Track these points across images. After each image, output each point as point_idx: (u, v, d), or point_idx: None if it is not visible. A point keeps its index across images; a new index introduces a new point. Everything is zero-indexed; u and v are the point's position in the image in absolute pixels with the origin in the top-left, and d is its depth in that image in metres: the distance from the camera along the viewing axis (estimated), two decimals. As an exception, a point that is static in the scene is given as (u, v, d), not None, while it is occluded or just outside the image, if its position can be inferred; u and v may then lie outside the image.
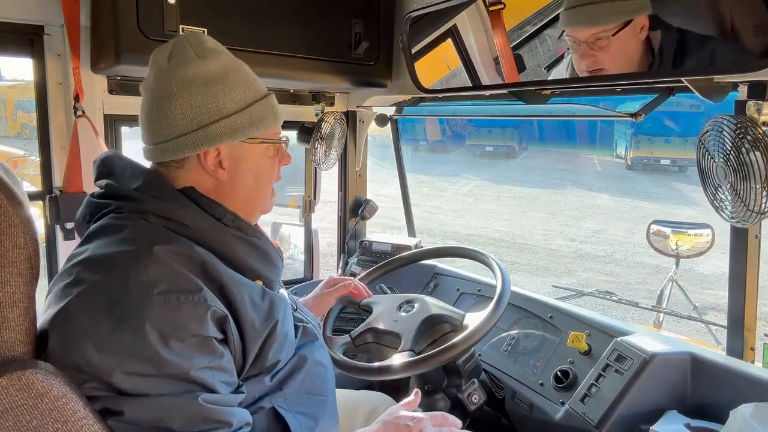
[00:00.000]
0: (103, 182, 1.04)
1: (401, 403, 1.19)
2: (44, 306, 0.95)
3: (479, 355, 1.66)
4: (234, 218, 1.05)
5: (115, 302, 0.87)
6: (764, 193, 1.07)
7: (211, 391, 0.92)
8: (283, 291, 1.17)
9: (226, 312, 0.95)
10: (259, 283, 1.06)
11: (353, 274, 2.18)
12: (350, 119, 2.37)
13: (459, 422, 1.18)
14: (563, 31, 1.30)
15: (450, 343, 1.34)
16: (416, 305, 1.53)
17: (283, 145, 1.15)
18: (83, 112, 1.59)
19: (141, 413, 0.86)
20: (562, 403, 1.45)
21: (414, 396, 1.21)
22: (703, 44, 1.06)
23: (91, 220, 1.03)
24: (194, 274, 0.94)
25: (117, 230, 0.96)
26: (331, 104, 2.31)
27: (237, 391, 0.99)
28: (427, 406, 1.55)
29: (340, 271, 2.38)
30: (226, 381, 0.96)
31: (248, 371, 1.03)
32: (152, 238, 0.94)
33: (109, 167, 1.06)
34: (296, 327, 1.20)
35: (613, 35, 1.17)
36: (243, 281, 1.01)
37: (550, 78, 1.43)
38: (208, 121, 1.01)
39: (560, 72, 1.36)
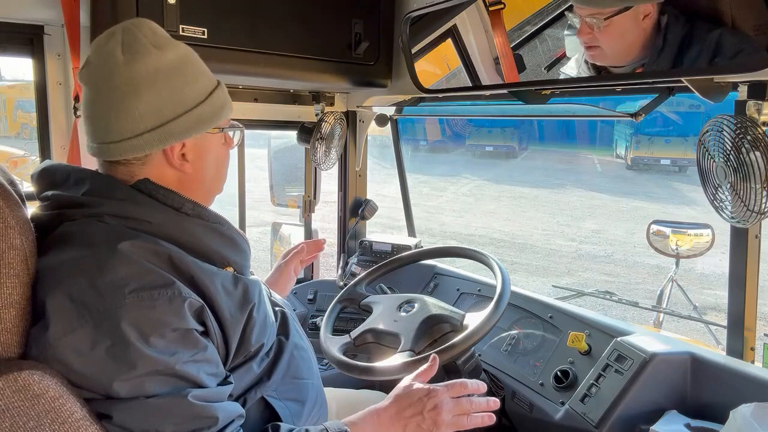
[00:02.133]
0: (48, 193, 0.99)
1: (414, 373, 1.13)
2: None
3: (479, 355, 1.66)
4: (194, 206, 1.02)
5: (89, 308, 0.85)
6: (764, 193, 1.06)
7: (199, 385, 0.91)
8: (255, 276, 1.15)
9: (202, 302, 0.93)
10: (230, 270, 1.04)
11: (353, 274, 2.18)
12: (350, 119, 2.37)
13: (482, 385, 1.12)
14: (570, 9, 1.29)
15: (450, 343, 1.34)
16: (416, 305, 1.53)
17: (239, 131, 1.14)
18: (82, 111, 1.58)
19: (131, 417, 0.85)
20: (562, 403, 1.44)
21: (430, 363, 1.14)
22: (710, 35, 1.06)
23: (44, 234, 0.96)
24: (163, 269, 0.91)
25: (75, 237, 0.93)
26: (331, 104, 2.30)
27: (225, 382, 0.98)
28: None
29: (340, 271, 2.38)
30: (212, 373, 0.94)
31: (234, 360, 1.02)
32: (113, 238, 0.90)
33: (51, 177, 1.01)
34: (273, 312, 1.19)
35: (606, 19, 1.17)
36: (213, 270, 0.99)
37: (550, 78, 1.43)
38: (174, 115, 0.98)
39: (571, 65, 1.36)
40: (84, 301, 0.85)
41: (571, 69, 1.37)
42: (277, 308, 1.22)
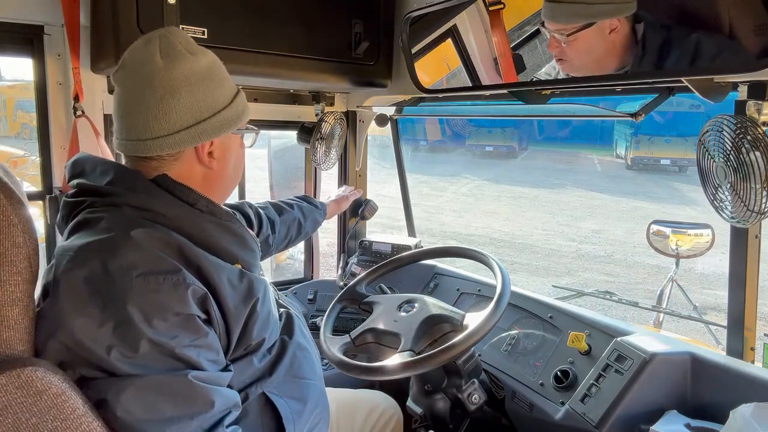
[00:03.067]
0: (75, 182, 1.06)
1: None
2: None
3: (479, 355, 1.66)
4: (207, 204, 1.08)
5: (98, 289, 0.89)
6: (764, 193, 1.07)
7: (198, 369, 0.94)
8: (263, 277, 1.18)
9: (206, 291, 0.97)
10: (238, 266, 1.08)
11: (353, 274, 2.18)
12: (350, 119, 2.37)
13: None
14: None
15: (450, 343, 1.34)
16: (416, 305, 1.53)
17: (255, 133, 1.23)
18: (83, 111, 1.59)
19: (131, 396, 0.88)
20: (562, 403, 1.45)
21: None
22: (688, 39, 1.06)
23: (68, 220, 1.05)
24: (172, 257, 0.96)
25: (93, 223, 0.98)
26: (331, 104, 2.30)
27: (225, 370, 1.01)
28: (427, 406, 1.55)
29: (340, 271, 2.38)
30: (212, 359, 0.97)
31: (234, 352, 1.05)
32: (129, 225, 0.96)
33: (80, 167, 1.08)
34: (279, 313, 1.22)
35: (569, 35, 1.19)
36: (221, 264, 1.03)
37: (550, 78, 1.43)
38: (207, 115, 1.05)
39: (546, 70, 1.37)
40: (95, 281, 0.90)
41: (546, 76, 1.38)
42: (282, 309, 1.25)
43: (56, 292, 0.91)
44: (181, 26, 1.46)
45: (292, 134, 2.32)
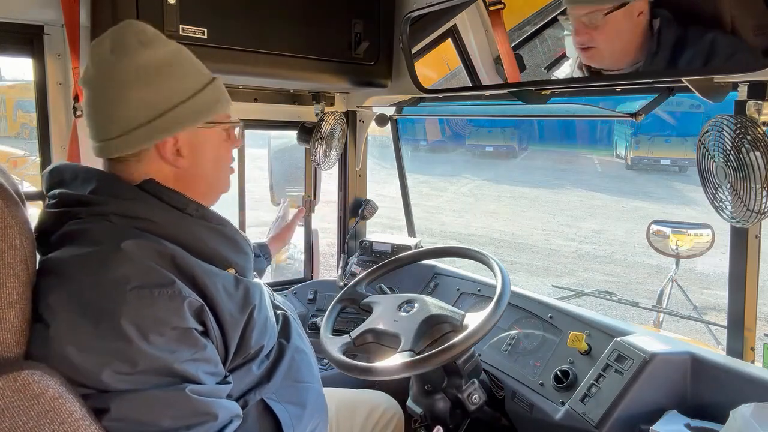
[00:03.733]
0: (55, 192, 1.01)
1: None
2: None
3: (479, 355, 1.66)
4: (197, 207, 1.03)
5: (90, 304, 0.86)
6: (764, 193, 1.06)
7: (196, 383, 0.91)
8: (257, 280, 1.16)
9: (202, 302, 0.94)
10: (232, 272, 1.05)
11: (353, 274, 2.18)
12: (350, 119, 2.37)
13: None
14: (563, 14, 1.30)
15: (450, 343, 1.34)
16: (416, 305, 1.53)
17: (238, 127, 1.15)
18: (83, 112, 1.58)
19: (128, 409, 0.86)
20: (562, 403, 1.44)
21: None
22: (704, 38, 1.06)
23: (49, 232, 0.98)
24: (165, 268, 0.92)
25: (80, 235, 0.94)
26: (331, 104, 2.30)
27: (223, 382, 0.99)
28: (427, 406, 1.55)
29: (340, 271, 2.38)
30: (211, 372, 0.95)
31: (233, 361, 1.03)
32: (118, 236, 0.92)
33: (59, 176, 1.04)
34: (275, 316, 1.20)
35: (605, 14, 1.18)
36: (215, 271, 1.00)
37: (550, 78, 1.43)
38: (163, 110, 0.99)
39: (565, 69, 1.37)
40: (87, 297, 0.87)
41: (564, 73, 1.37)
42: (279, 311, 1.23)
43: (46, 314, 0.87)
44: (180, 26, 1.46)
45: (292, 134, 2.32)
